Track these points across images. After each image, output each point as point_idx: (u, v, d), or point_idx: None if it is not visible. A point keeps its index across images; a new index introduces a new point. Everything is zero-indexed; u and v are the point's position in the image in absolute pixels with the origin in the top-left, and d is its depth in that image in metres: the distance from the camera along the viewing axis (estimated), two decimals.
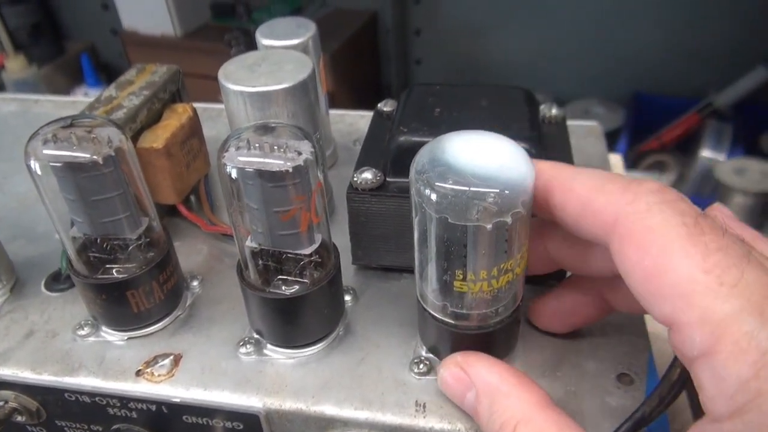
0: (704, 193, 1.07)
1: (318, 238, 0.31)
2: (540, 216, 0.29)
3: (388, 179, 0.35)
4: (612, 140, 1.20)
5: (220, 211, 0.44)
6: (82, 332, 0.35)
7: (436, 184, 0.25)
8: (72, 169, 0.29)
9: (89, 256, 0.33)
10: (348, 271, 0.38)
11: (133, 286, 0.32)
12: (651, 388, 0.30)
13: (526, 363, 0.32)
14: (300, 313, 0.31)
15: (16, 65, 1.46)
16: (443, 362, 0.30)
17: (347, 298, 0.36)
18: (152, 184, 0.41)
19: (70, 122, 0.30)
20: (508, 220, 0.25)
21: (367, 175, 0.35)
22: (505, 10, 1.29)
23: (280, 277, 0.32)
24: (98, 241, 0.33)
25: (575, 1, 1.23)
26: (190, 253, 0.41)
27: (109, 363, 0.33)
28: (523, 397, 0.26)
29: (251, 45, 1.29)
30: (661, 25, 1.18)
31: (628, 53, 1.23)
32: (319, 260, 0.32)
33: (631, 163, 1.15)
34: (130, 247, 0.33)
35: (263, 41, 0.41)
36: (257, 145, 0.28)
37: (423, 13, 1.38)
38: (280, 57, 0.38)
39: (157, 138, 0.39)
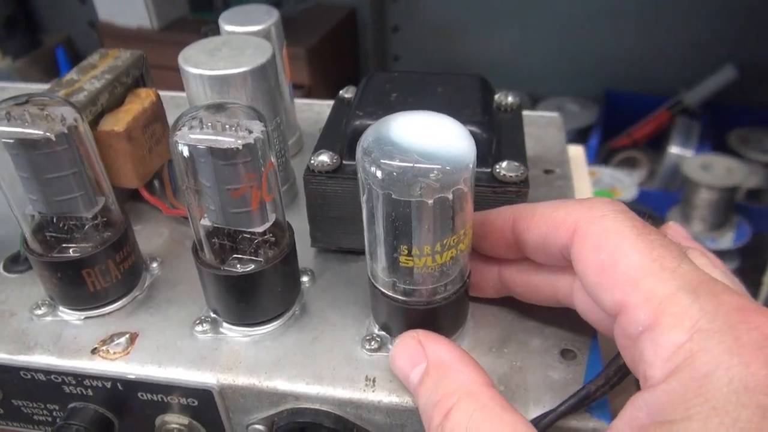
0: (672, 188, 1.10)
1: (272, 218, 0.32)
2: (504, 252, 0.31)
3: (344, 162, 0.36)
4: (585, 137, 1.22)
5: (182, 197, 0.45)
6: (39, 312, 0.35)
7: (382, 161, 0.26)
8: (25, 146, 0.29)
9: (45, 236, 0.33)
10: (308, 254, 0.39)
11: (88, 265, 0.33)
12: (593, 364, 0.32)
13: (476, 339, 0.33)
14: (254, 290, 0.32)
15: None
16: (402, 335, 0.30)
17: (305, 279, 0.37)
18: (113, 167, 0.41)
19: (25, 100, 0.30)
20: (450, 196, 0.26)
21: (324, 158, 0.35)
22: (482, 8, 1.31)
23: (235, 256, 0.32)
24: (54, 220, 0.33)
25: (551, 1, 1.25)
26: (152, 236, 0.41)
27: (65, 341, 0.34)
28: (471, 374, 0.27)
29: None
30: (633, 24, 1.21)
31: (601, 52, 1.26)
32: (273, 239, 0.32)
33: (603, 159, 1.17)
34: (86, 227, 0.33)
35: (226, 27, 0.42)
36: (210, 123, 0.29)
37: (401, 10, 1.39)
38: (241, 42, 0.39)
39: (118, 121, 0.40)
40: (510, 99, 0.41)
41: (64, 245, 0.33)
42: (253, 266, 0.32)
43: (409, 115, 0.28)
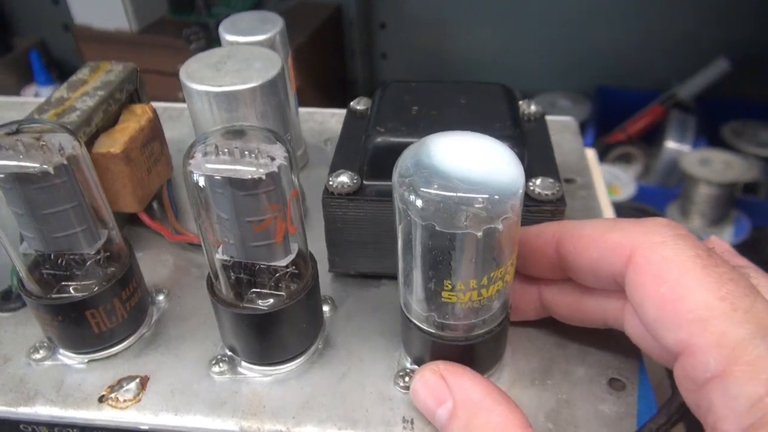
0: (670, 183, 1.09)
1: (294, 248, 0.29)
2: (545, 273, 0.29)
3: (365, 182, 0.33)
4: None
5: (185, 219, 0.42)
6: (37, 356, 0.32)
7: (422, 189, 0.23)
8: (19, 180, 0.26)
9: (42, 274, 0.30)
10: (324, 279, 0.36)
11: (92, 306, 0.30)
12: (643, 394, 0.29)
13: (515, 370, 0.31)
14: (277, 328, 0.29)
15: None
16: (421, 369, 0.28)
17: (325, 308, 0.34)
18: (111, 191, 0.38)
19: (16, 128, 0.27)
20: (499, 226, 0.23)
21: (344, 178, 0.33)
22: (470, 4, 1.29)
23: (253, 290, 0.30)
24: (52, 256, 0.30)
25: None
26: (155, 264, 0.38)
27: (69, 389, 0.31)
28: (505, 415, 0.25)
29: (211, 40, 1.25)
30: (623, 18, 1.19)
31: (592, 46, 1.24)
32: (296, 271, 0.30)
33: (599, 156, 1.16)
34: (88, 263, 0.30)
35: (227, 37, 0.39)
36: (226, 150, 0.26)
37: (388, 7, 1.36)
38: (247, 54, 0.36)
39: (115, 142, 0.37)
40: (533, 107, 0.39)
41: (63, 283, 0.30)
42: (273, 301, 0.29)
43: (448, 136, 0.26)
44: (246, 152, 0.26)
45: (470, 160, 0.24)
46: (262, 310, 0.28)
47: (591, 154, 0.58)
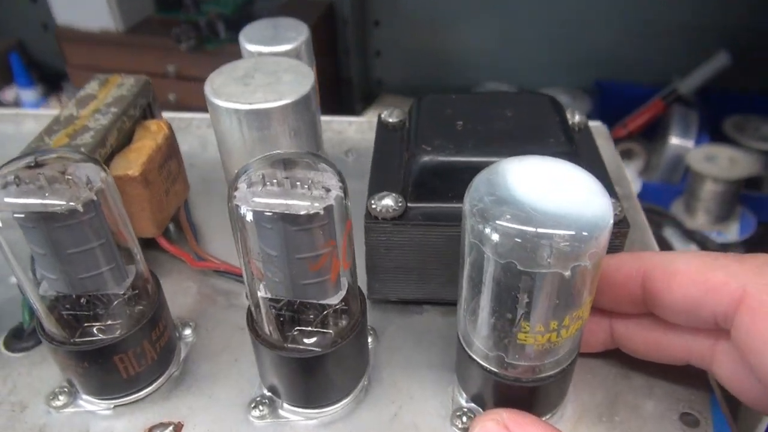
0: (674, 179, 1.08)
1: (345, 284, 0.27)
2: (624, 307, 0.27)
3: (410, 204, 0.31)
4: None
5: (204, 241, 0.39)
6: (57, 402, 0.29)
7: (498, 222, 0.21)
8: (42, 219, 0.23)
9: (62, 314, 0.27)
10: None
11: (121, 350, 0.27)
12: (719, 429, 0.28)
13: (581, 406, 0.29)
14: (325, 370, 0.27)
15: None
16: (480, 418, 0.26)
17: (369, 340, 0.32)
18: (128, 212, 0.35)
19: (35, 160, 0.24)
20: (587, 263, 0.21)
21: (388, 201, 0.30)
22: (465, 0, 1.26)
23: (297, 328, 0.27)
24: (74, 296, 0.27)
25: None
26: (177, 293, 0.36)
27: None
28: None
29: (203, 39, 1.20)
30: (622, 11, 1.18)
31: (591, 40, 1.23)
32: (344, 306, 0.27)
33: None
34: (115, 302, 0.28)
35: (249, 47, 0.36)
36: (275, 180, 0.23)
37: (382, 4, 1.33)
38: (275, 66, 0.33)
39: (132, 163, 0.34)
40: (577, 117, 0.37)
41: (86, 325, 0.28)
42: (319, 339, 0.27)
43: (523, 161, 0.23)
44: (297, 183, 0.23)
45: (551, 189, 0.22)
46: (310, 352, 0.26)
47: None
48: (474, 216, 0.22)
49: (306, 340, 0.27)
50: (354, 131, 0.50)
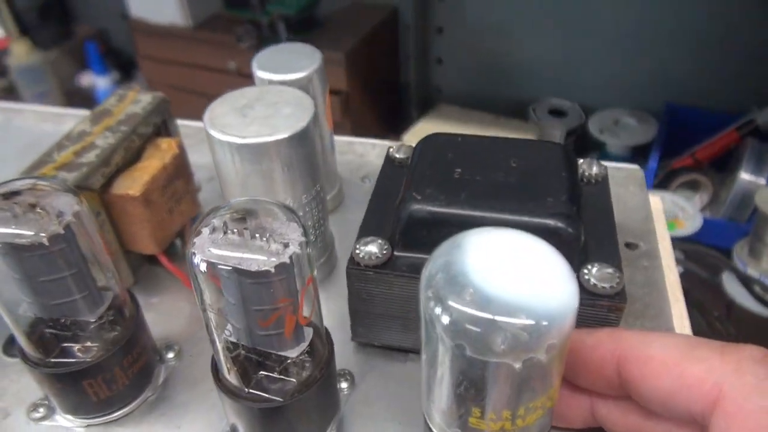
0: (740, 218, 1.00)
1: (308, 335, 0.26)
2: (602, 389, 0.25)
3: (396, 253, 0.30)
4: (642, 155, 1.13)
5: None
6: (36, 414, 0.30)
7: (451, 303, 0.20)
8: (12, 247, 0.24)
9: (44, 332, 0.28)
10: (347, 348, 0.33)
11: (90, 376, 0.28)
12: None
13: None
14: (286, 419, 0.26)
15: (20, 49, 1.42)
16: None
17: (343, 385, 0.31)
18: (128, 233, 0.36)
19: (16, 188, 0.24)
20: (542, 357, 0.20)
21: (372, 248, 0.29)
22: (532, 10, 1.22)
23: (262, 372, 0.27)
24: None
25: (606, 4, 1.15)
26: (170, 312, 0.36)
27: None
28: None
29: (263, 40, 1.23)
30: (699, 32, 1.10)
31: (664, 61, 1.16)
32: (309, 357, 0.27)
33: (662, 181, 1.08)
34: (91, 327, 0.28)
35: (259, 74, 0.36)
36: (235, 230, 0.23)
37: (446, 11, 1.31)
38: (277, 96, 0.33)
39: (134, 182, 0.34)
40: (595, 169, 0.34)
41: (64, 345, 0.28)
42: (281, 386, 0.26)
43: (488, 235, 0.22)
44: (257, 234, 0.23)
45: (513, 269, 0.20)
46: (269, 402, 0.25)
47: (657, 203, 0.53)
48: (427, 291, 0.20)
49: (270, 385, 0.26)
50: (376, 155, 0.49)
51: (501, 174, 0.30)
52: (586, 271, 0.28)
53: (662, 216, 0.51)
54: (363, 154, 0.49)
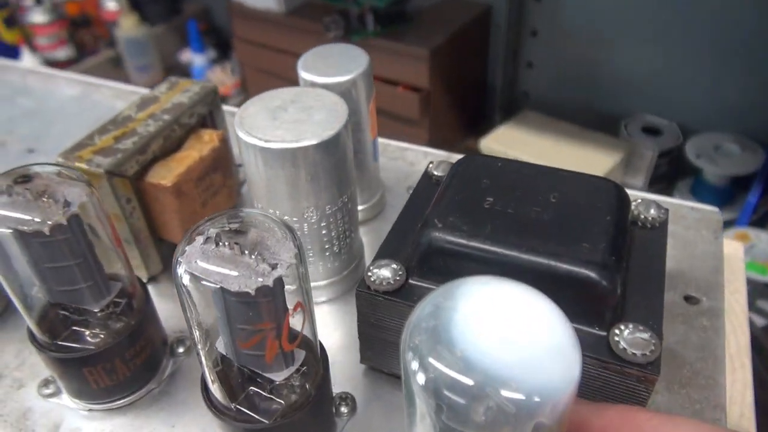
0: None
1: (299, 358, 0.24)
2: None
3: (410, 281, 0.28)
4: (744, 187, 1.03)
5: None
6: (46, 391, 0.31)
7: (431, 361, 0.18)
8: (20, 232, 0.24)
9: (53, 315, 0.29)
10: (356, 370, 0.32)
11: (90, 364, 0.28)
12: None
13: None
14: None
15: (128, 22, 1.50)
16: None
17: (342, 409, 0.30)
18: (160, 221, 0.36)
19: (30, 173, 0.25)
20: None
21: (385, 273, 0.27)
22: (633, 18, 1.14)
23: (252, 388, 0.26)
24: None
25: (715, 16, 1.05)
26: None
27: None
28: None
29: (350, 31, 1.22)
30: None
31: None
32: (295, 383, 0.25)
33: (761, 218, 0.98)
34: (97, 315, 0.28)
35: (303, 74, 0.35)
36: (227, 243, 0.22)
37: (542, 13, 1.25)
38: (314, 100, 0.31)
39: (168, 173, 0.34)
40: (653, 212, 0.30)
41: (74, 328, 0.29)
42: (269, 406, 0.25)
43: (490, 289, 0.19)
44: (246, 251, 0.21)
45: (509, 331, 0.18)
46: (254, 422, 0.24)
47: (737, 249, 0.47)
48: (409, 341, 0.18)
49: (260, 403, 0.25)
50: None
51: (537, 209, 0.27)
52: (617, 331, 0.25)
53: (741, 266, 0.46)
54: (414, 163, 0.47)
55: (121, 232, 0.35)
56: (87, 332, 0.29)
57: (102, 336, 0.28)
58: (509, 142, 1.23)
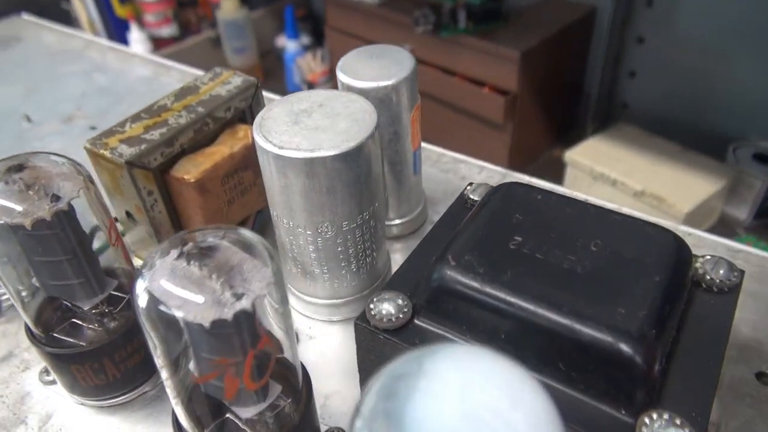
0: None
1: (273, 394, 0.22)
2: None
3: (416, 320, 0.24)
4: None
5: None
6: (47, 377, 0.31)
7: None
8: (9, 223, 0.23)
9: (50, 308, 0.28)
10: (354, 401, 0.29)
11: (77, 362, 0.27)
12: None
13: None
14: None
15: (229, 5, 1.55)
16: None
17: None
18: (184, 216, 0.35)
19: (22, 163, 0.24)
20: None
21: (389, 307, 0.24)
22: (752, 32, 1.01)
23: (229, 415, 0.24)
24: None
25: None
26: None
27: (52, 428, 0.29)
28: None
29: (440, 26, 1.18)
30: None
31: None
32: (270, 419, 0.23)
33: None
34: (90, 313, 0.27)
35: (342, 77, 0.32)
36: (196, 263, 0.20)
37: (652, 19, 1.14)
38: (343, 106, 0.29)
39: (194, 168, 0.33)
40: (722, 272, 0.25)
41: (72, 320, 0.28)
42: None
43: (464, 365, 0.16)
44: (214, 276, 0.19)
45: (475, 421, 0.14)
46: None
47: None
48: (356, 420, 0.15)
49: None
50: (481, 180, 0.42)
51: (571, 257, 0.23)
52: (647, 420, 0.20)
53: None
54: (465, 177, 0.43)
55: (142, 225, 0.34)
56: (83, 327, 0.28)
57: (95, 333, 0.27)
58: (598, 156, 1.14)
